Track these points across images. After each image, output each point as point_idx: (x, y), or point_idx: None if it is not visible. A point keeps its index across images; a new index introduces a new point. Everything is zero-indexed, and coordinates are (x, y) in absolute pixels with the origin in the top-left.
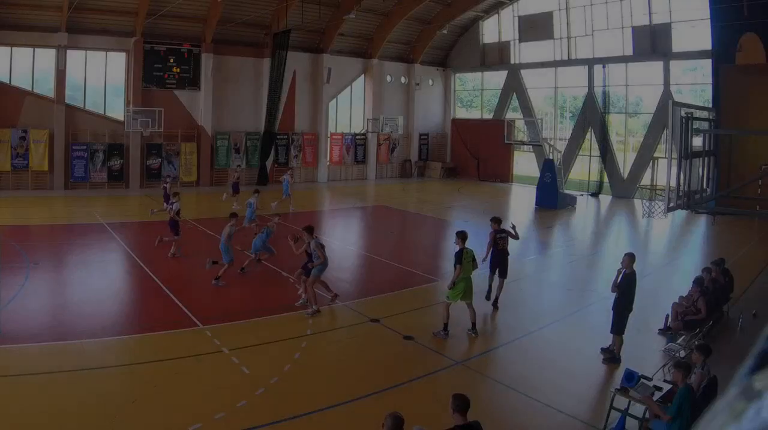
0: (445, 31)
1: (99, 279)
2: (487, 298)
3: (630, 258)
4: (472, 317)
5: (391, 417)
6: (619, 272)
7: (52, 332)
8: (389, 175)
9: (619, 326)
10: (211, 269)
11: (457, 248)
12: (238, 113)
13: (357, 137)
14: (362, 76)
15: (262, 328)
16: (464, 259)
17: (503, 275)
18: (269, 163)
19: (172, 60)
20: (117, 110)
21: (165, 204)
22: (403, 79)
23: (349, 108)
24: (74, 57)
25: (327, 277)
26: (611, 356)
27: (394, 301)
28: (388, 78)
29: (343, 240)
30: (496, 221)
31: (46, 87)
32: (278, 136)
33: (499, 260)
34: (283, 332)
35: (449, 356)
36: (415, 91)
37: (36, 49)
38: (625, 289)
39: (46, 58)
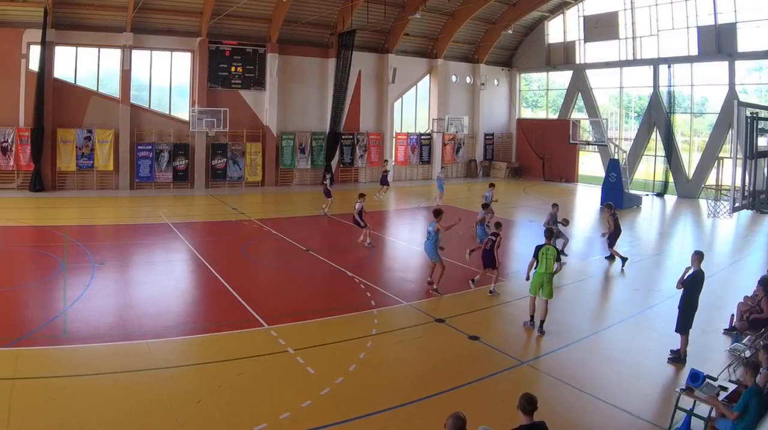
0: (510, 32)
1: (164, 279)
2: None
3: (698, 256)
4: (542, 315)
5: (452, 417)
6: (687, 269)
7: (117, 331)
8: (454, 175)
9: (684, 324)
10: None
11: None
12: (303, 113)
13: (422, 137)
14: (427, 76)
15: (327, 328)
16: (540, 254)
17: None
18: (334, 163)
19: (237, 60)
20: (182, 110)
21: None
22: (468, 79)
23: (415, 108)
24: (139, 57)
25: (393, 276)
26: (676, 357)
27: (460, 301)
28: (454, 78)
29: (408, 240)
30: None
31: (111, 87)
32: (343, 136)
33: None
34: (348, 332)
35: (514, 356)
36: (481, 91)
37: (101, 49)
38: (691, 287)
39: (111, 58)
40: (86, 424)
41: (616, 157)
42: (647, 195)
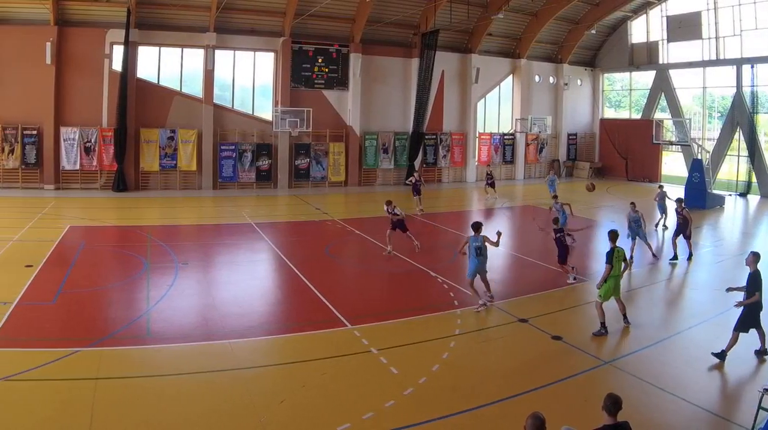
0: (593, 32)
1: (247, 279)
2: None
3: (754, 257)
4: (622, 310)
5: (531, 417)
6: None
7: (200, 332)
8: (537, 176)
9: (744, 323)
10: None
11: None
12: (385, 113)
13: (505, 137)
14: (510, 76)
15: (410, 328)
16: (614, 257)
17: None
18: (417, 162)
19: (320, 60)
20: (265, 110)
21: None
22: (551, 79)
23: (498, 108)
24: (222, 57)
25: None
26: (720, 354)
27: (543, 301)
28: (537, 78)
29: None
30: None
31: (194, 87)
32: (426, 136)
33: None
34: (431, 332)
35: (597, 356)
36: (564, 91)
37: (184, 49)
38: (752, 288)
39: (195, 58)
40: (169, 424)
41: (699, 157)
42: (730, 195)
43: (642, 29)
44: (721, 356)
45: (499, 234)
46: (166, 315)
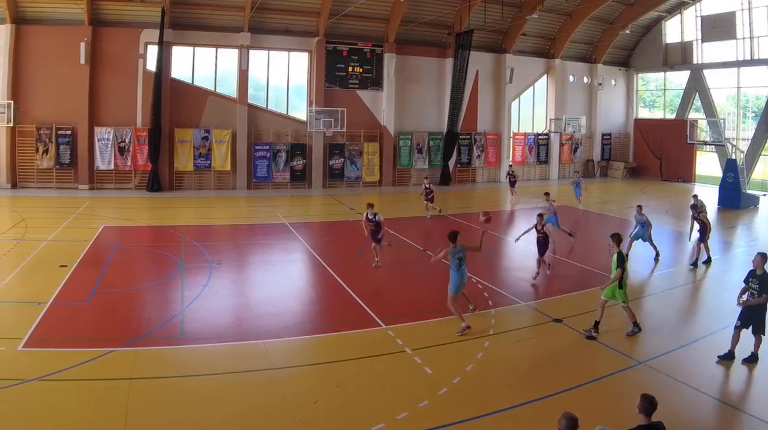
0: (627, 32)
1: (281, 279)
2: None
3: (762, 258)
4: (633, 317)
5: (565, 417)
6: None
7: (234, 332)
8: (571, 176)
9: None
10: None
11: (614, 251)
12: (420, 113)
13: (539, 137)
14: (545, 76)
15: (444, 328)
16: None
17: None
18: (452, 163)
19: (354, 60)
20: (299, 110)
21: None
22: (585, 79)
23: (532, 108)
24: (257, 57)
25: (510, 277)
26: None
27: (577, 301)
28: (571, 78)
29: (525, 240)
30: None
31: (228, 87)
32: (461, 136)
33: None
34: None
35: (632, 356)
36: (598, 91)
37: (218, 49)
38: (761, 290)
39: (229, 58)
40: (203, 424)
41: (733, 157)
42: (765, 195)
43: (676, 29)
44: (729, 356)
45: (486, 218)
46: (201, 315)
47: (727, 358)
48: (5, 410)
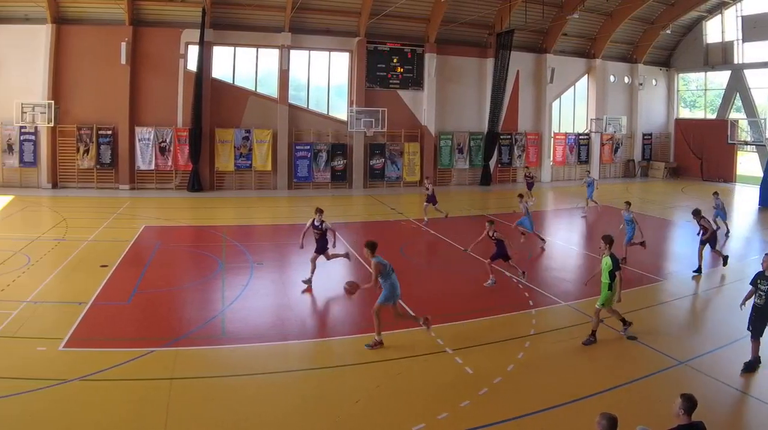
0: (668, 32)
1: (321, 279)
2: None
3: None
4: (597, 324)
5: (605, 417)
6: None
7: (274, 332)
8: (612, 175)
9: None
10: None
11: (606, 254)
12: (460, 113)
13: (580, 137)
14: (585, 76)
15: (485, 328)
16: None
17: None
18: (492, 163)
19: (395, 60)
20: (340, 110)
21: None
22: (626, 79)
23: (572, 108)
24: (297, 57)
25: (551, 276)
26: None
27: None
28: (612, 78)
29: (566, 240)
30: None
31: (269, 87)
32: (501, 136)
33: None
34: (506, 332)
35: (672, 356)
36: (639, 91)
37: (259, 49)
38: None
39: (270, 58)
40: (244, 423)
41: None
42: None
43: (717, 29)
44: (752, 366)
45: (351, 289)
46: (241, 315)
47: (753, 367)
48: (46, 409)
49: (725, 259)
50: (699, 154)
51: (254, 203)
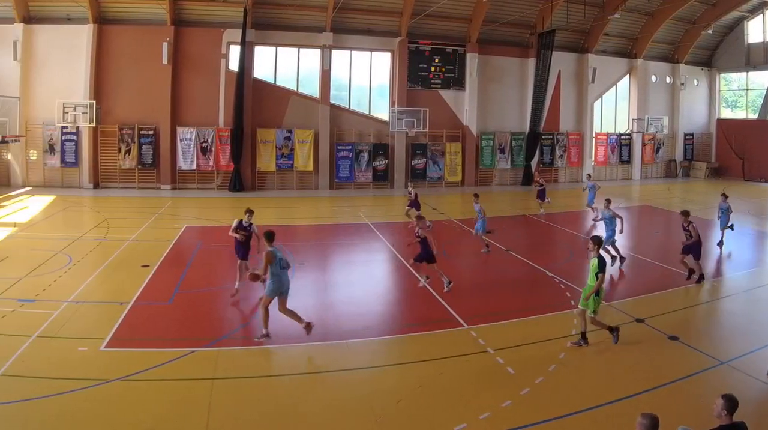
0: (710, 32)
1: (363, 279)
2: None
3: None
4: (585, 326)
5: (648, 417)
6: None
7: (316, 331)
8: (654, 176)
9: None
10: None
11: (593, 256)
12: (502, 113)
13: (622, 137)
14: (627, 76)
15: (526, 328)
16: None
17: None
18: (534, 163)
19: (437, 60)
20: (382, 110)
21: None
22: (667, 79)
23: (614, 108)
24: (339, 57)
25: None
26: None
27: (659, 301)
28: (653, 78)
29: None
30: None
31: (310, 87)
32: (543, 136)
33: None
34: (547, 332)
35: (714, 356)
36: (680, 91)
37: (301, 49)
38: None
39: (311, 58)
40: (285, 423)
41: None
42: None
43: (759, 29)
44: None
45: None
46: (282, 315)
47: None
48: (88, 409)
49: (701, 277)
50: (741, 155)
51: (296, 203)
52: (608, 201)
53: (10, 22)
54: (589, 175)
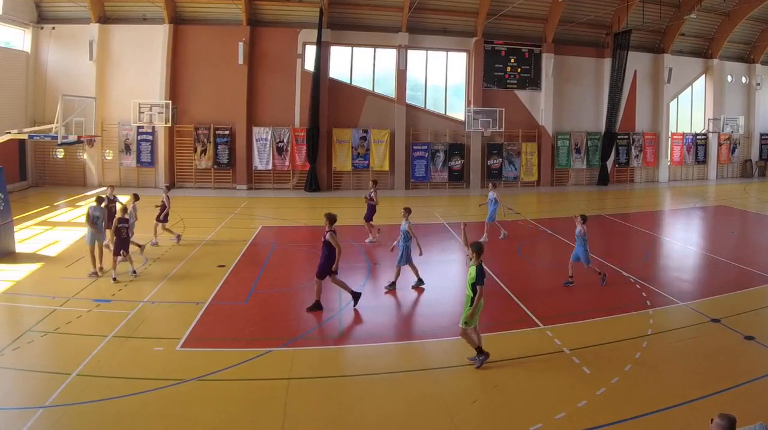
0: None
1: (439, 279)
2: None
3: None
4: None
5: (725, 418)
6: None
7: (391, 331)
8: (729, 176)
9: None
10: None
11: (475, 264)
12: (578, 113)
13: (697, 137)
14: (702, 76)
15: (602, 328)
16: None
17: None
18: (610, 163)
19: (512, 60)
20: (457, 110)
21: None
22: (743, 79)
23: (690, 108)
24: (414, 57)
25: (668, 276)
26: None
27: (735, 301)
28: (729, 78)
29: (684, 240)
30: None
31: (386, 87)
32: (619, 136)
33: None
34: (623, 332)
35: None
36: (756, 91)
37: (376, 49)
38: None
39: (387, 58)
40: (361, 423)
41: None
42: None
43: None
44: None
45: None
46: (358, 315)
47: None
48: (165, 408)
49: None
50: None
51: None
52: (582, 217)
53: (86, 22)
54: (493, 184)
